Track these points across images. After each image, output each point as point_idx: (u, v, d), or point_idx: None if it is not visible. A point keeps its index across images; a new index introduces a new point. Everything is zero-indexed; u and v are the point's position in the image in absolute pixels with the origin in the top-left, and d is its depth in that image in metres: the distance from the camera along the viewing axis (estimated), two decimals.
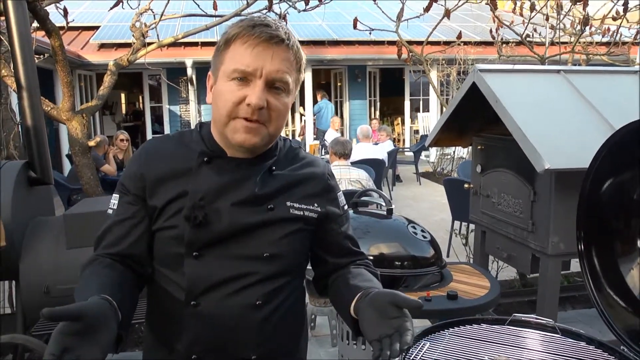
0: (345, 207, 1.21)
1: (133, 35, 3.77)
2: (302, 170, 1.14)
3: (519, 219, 2.85)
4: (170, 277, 1.05)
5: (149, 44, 3.81)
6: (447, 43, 8.71)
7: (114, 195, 1.11)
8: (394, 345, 0.91)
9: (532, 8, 4.25)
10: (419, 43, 7.43)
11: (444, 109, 11.60)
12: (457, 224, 5.42)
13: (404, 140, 14.10)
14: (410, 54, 4.05)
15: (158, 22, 3.59)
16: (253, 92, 0.98)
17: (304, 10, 3.55)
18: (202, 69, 10.93)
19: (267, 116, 1.01)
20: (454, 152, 10.66)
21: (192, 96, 10.42)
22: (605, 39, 5.87)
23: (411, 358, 1.39)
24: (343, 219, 1.19)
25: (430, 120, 12.79)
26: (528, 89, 2.81)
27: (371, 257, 1.72)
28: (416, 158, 9.85)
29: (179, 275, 1.04)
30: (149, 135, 11.56)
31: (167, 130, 11.50)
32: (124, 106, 14.55)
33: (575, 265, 3.97)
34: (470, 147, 9.52)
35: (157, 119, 11.97)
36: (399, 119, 14.68)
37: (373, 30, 4.06)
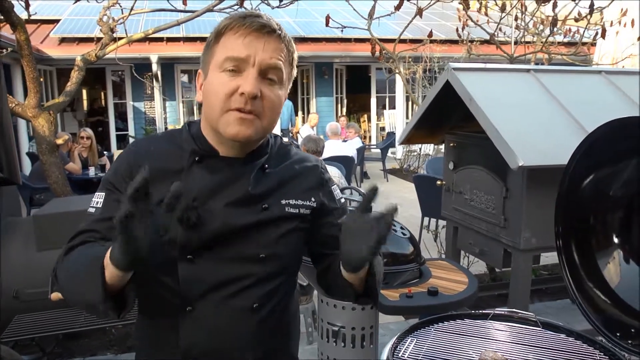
0: (342, 200, 1.20)
1: (101, 30, 3.67)
2: (295, 166, 1.12)
3: (491, 215, 2.91)
4: (163, 281, 1.02)
5: (117, 39, 3.71)
6: (413, 41, 8.84)
7: (97, 193, 1.05)
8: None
9: (503, 8, 4.34)
10: (387, 41, 7.51)
11: (415, 106, 11.69)
12: (426, 220, 5.51)
13: (370, 137, 14.21)
14: (383, 51, 4.08)
15: (127, 16, 3.49)
16: (246, 81, 0.96)
17: (278, 7, 3.53)
18: (167, 64, 10.75)
19: (260, 107, 0.98)
20: (420, 149, 10.81)
21: (157, 92, 10.21)
22: (566, 39, 6.06)
23: (399, 355, 1.41)
24: (340, 211, 1.17)
25: (396, 118, 12.92)
26: (500, 87, 2.87)
27: None
28: (383, 155, 9.94)
29: (172, 279, 1.01)
30: (112, 133, 11.29)
31: (130, 127, 11.25)
32: (85, 103, 14.14)
33: (543, 259, 4.10)
34: (436, 144, 9.66)
35: (121, 115, 11.69)
36: (365, 116, 14.78)
37: (345, 27, 4.06)
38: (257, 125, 0.99)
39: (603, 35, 4.81)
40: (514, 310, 1.58)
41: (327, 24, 4.02)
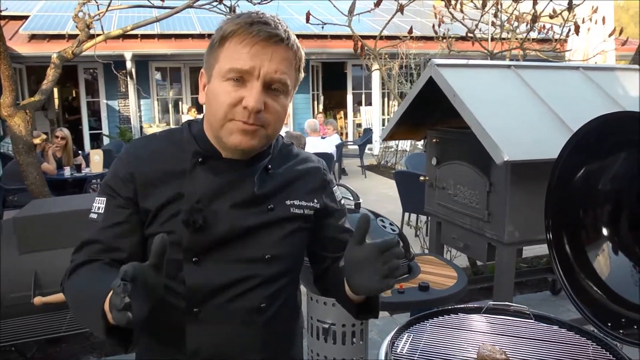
0: (342, 201, 1.20)
1: (76, 27, 3.59)
2: (298, 166, 1.11)
3: (475, 210, 2.95)
4: (168, 285, 0.99)
5: (94, 35, 3.63)
6: (390, 38, 8.87)
7: (98, 198, 1.03)
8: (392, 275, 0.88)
9: (484, 5, 4.39)
10: (365, 38, 7.52)
11: (391, 102, 11.76)
12: (406, 215, 5.55)
13: (347, 133, 14.25)
14: (365, 48, 4.09)
15: (105, 12, 3.42)
16: (250, 94, 0.93)
17: (259, 4, 3.50)
18: (141, 62, 10.58)
19: (264, 119, 0.96)
20: (397, 145, 10.88)
21: (131, 90, 10.04)
22: (540, 36, 6.15)
23: (397, 351, 1.41)
24: (341, 213, 1.17)
25: (373, 114, 12.98)
26: (482, 83, 2.91)
27: None
28: (361, 151, 9.98)
29: (177, 282, 0.99)
30: (86, 132, 11.07)
31: (104, 126, 11.05)
32: (56, 101, 13.81)
33: (523, 252, 4.17)
34: (413, 141, 9.72)
35: (94, 114, 11.46)
36: (342, 112, 14.81)
37: (325, 24, 4.05)
38: (261, 135, 0.98)
39: (577, 32, 4.90)
40: (507, 303, 1.59)
41: (307, 21, 4.00)
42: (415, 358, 1.36)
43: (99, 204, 1.02)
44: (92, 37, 3.60)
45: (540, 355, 1.37)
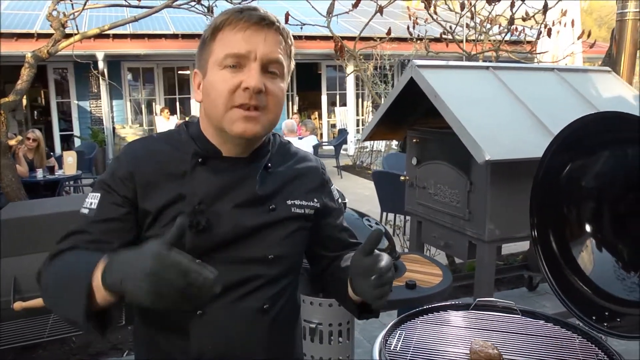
0: (339, 200, 1.21)
1: (51, 25, 3.51)
2: (297, 166, 1.12)
3: (455, 209, 3.00)
4: None
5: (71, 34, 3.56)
6: (365, 39, 8.94)
7: (92, 194, 1.00)
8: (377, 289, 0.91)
9: (462, 7, 4.46)
10: (342, 39, 7.56)
11: (366, 103, 11.80)
12: (384, 215, 5.60)
13: (321, 134, 14.28)
14: (345, 49, 4.11)
15: (81, 11, 3.35)
16: (249, 76, 0.93)
17: (238, 4, 3.47)
18: (113, 62, 10.40)
19: (265, 102, 0.96)
20: (372, 145, 10.96)
21: (104, 91, 9.86)
22: (513, 38, 6.28)
23: (391, 348, 1.43)
24: (339, 212, 1.18)
25: (347, 114, 13.04)
26: (462, 84, 2.96)
27: None
28: (337, 152, 10.01)
29: None
30: (56, 133, 10.82)
31: (75, 127, 10.81)
32: (24, 101, 13.45)
33: (504, 249, 4.25)
34: (387, 141, 9.76)
35: (64, 115, 11.20)
36: (316, 113, 14.83)
37: (305, 25, 4.06)
38: (263, 121, 0.97)
39: (549, 34, 5.02)
40: (495, 299, 1.63)
41: (286, 21, 4.00)
42: (409, 355, 1.38)
43: (92, 200, 0.99)
44: (67, 36, 3.53)
45: (530, 348, 1.41)
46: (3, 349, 2.35)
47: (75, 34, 3.71)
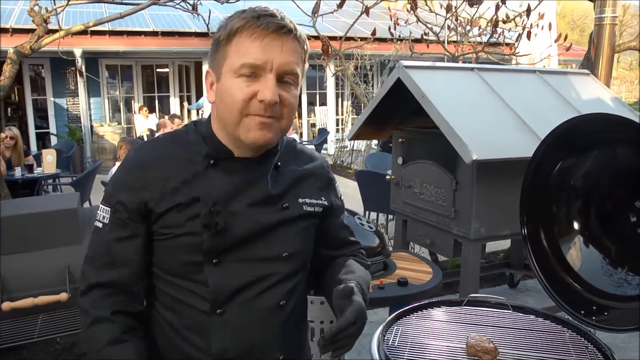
0: (342, 197, 1.23)
1: (33, 21, 3.45)
2: (306, 165, 1.13)
3: (441, 207, 3.04)
4: (188, 288, 1.00)
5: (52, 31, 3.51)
6: (346, 39, 9.00)
7: (103, 207, 1.03)
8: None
9: (448, 9, 4.53)
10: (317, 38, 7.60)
11: (345, 102, 11.82)
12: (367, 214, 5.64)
13: (301, 133, 14.28)
14: (330, 48, 4.14)
15: (65, 6, 3.31)
16: (265, 87, 0.94)
17: (226, 2, 3.47)
18: (91, 59, 10.23)
19: (279, 111, 0.97)
20: (352, 145, 11.01)
21: (81, 88, 9.69)
22: (492, 40, 6.40)
23: (389, 343, 1.46)
24: (342, 209, 1.21)
25: (328, 114, 13.07)
26: (448, 84, 3.01)
27: None
28: (318, 151, 10.03)
29: (198, 284, 0.99)
30: (32, 131, 10.60)
31: (52, 125, 10.61)
32: None
33: (488, 247, 4.32)
34: (367, 141, 9.81)
35: (40, 112, 10.98)
36: (296, 112, 14.82)
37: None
38: (276, 128, 0.98)
39: (528, 37, 5.13)
40: (487, 295, 1.67)
41: None
42: (407, 350, 1.41)
43: (104, 213, 1.02)
44: (49, 32, 3.47)
45: (524, 342, 1.45)
46: None
47: (57, 30, 3.65)
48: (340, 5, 4.25)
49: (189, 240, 0.98)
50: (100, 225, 1.02)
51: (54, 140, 10.36)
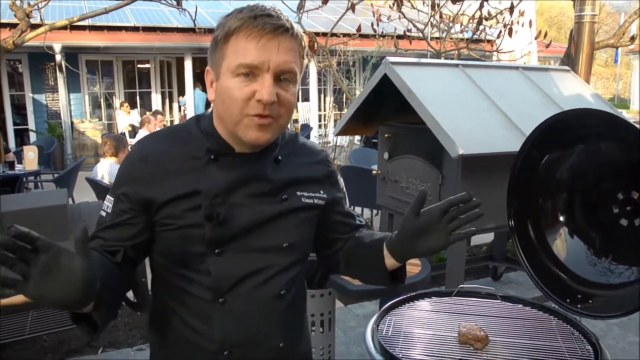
0: (344, 187, 1.26)
1: (15, 15, 3.40)
2: (305, 158, 1.16)
3: (427, 202, 3.06)
4: (190, 277, 1.03)
5: (35, 25, 3.46)
6: (331, 35, 9.02)
7: (108, 197, 1.06)
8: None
9: (433, 7, 4.58)
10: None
11: (327, 98, 11.81)
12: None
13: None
14: (316, 45, 4.17)
15: (48, 1, 3.27)
16: (263, 87, 0.95)
17: None
18: (71, 54, 10.09)
19: (277, 110, 0.99)
20: (335, 140, 11.04)
21: (61, 84, 9.55)
22: (474, 37, 6.49)
23: (382, 334, 1.50)
24: (344, 199, 1.24)
25: (310, 110, 13.09)
26: (433, 81, 3.05)
27: None
28: None
29: (201, 274, 1.02)
30: (10, 127, 10.42)
31: (30, 121, 10.45)
32: None
33: (474, 240, 4.38)
34: (349, 137, 9.85)
35: (18, 108, 10.79)
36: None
37: None
38: (275, 127, 1.00)
39: (510, 34, 5.21)
40: (478, 286, 1.72)
41: None
42: (401, 339, 1.45)
43: (108, 203, 1.05)
44: (32, 27, 3.43)
45: (513, 330, 1.50)
46: None
47: (39, 25, 3.61)
48: (325, 1, 4.27)
49: (191, 232, 1.00)
50: (104, 214, 1.05)
51: (33, 136, 10.21)
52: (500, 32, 5.96)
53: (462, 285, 1.74)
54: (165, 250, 1.05)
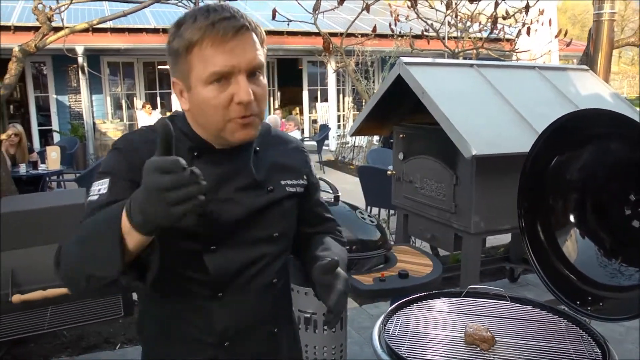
0: (316, 175, 1.29)
1: (37, 19, 3.49)
2: (282, 147, 1.18)
3: (442, 202, 3.09)
4: (186, 274, 1.04)
5: (56, 28, 3.55)
6: (347, 35, 9.03)
7: (98, 182, 1.00)
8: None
9: (448, 6, 4.56)
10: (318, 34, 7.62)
11: (346, 98, 11.84)
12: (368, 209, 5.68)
13: (303, 129, 14.31)
14: (331, 45, 4.18)
15: (69, 4, 3.34)
16: (240, 89, 0.96)
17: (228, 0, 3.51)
18: (93, 56, 10.27)
19: (256, 107, 1.01)
20: (354, 141, 11.05)
21: (83, 85, 9.73)
22: (492, 36, 6.44)
23: (389, 332, 1.51)
24: (317, 186, 1.27)
25: (329, 110, 13.10)
26: (447, 81, 3.05)
27: None
28: (319, 147, 10.07)
29: (197, 270, 1.04)
30: (35, 128, 10.65)
31: (54, 122, 10.67)
32: None
33: (489, 241, 4.35)
34: (369, 137, 9.83)
35: (42, 109, 11.02)
36: (297, 108, 14.85)
37: (291, 21, 4.11)
38: (256, 123, 1.02)
39: (528, 33, 5.16)
40: (486, 287, 1.72)
41: (273, 17, 4.05)
42: (408, 339, 1.46)
43: (100, 186, 0.99)
44: (54, 29, 3.52)
45: (520, 331, 1.50)
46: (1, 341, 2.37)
47: (61, 28, 3.69)
48: (341, 2, 4.28)
49: (184, 230, 0.98)
50: (95, 197, 0.98)
51: (56, 137, 10.42)
52: (519, 31, 5.91)
53: (471, 286, 1.73)
54: (161, 250, 1.06)
